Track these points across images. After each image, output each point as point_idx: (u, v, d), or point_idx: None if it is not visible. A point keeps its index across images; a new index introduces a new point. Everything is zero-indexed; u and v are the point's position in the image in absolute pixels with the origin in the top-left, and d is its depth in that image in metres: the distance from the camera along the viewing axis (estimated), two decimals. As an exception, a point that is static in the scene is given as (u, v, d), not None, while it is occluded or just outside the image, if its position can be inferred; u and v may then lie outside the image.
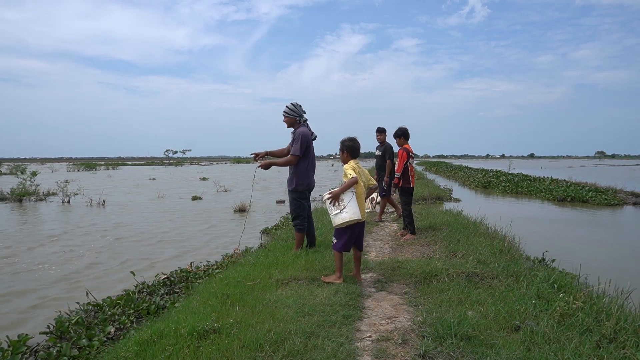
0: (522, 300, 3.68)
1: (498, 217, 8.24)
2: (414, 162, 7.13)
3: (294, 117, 5.48)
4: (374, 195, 11.70)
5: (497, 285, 4.18)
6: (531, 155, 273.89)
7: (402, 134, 6.94)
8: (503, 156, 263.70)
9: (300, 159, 5.40)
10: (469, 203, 14.28)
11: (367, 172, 4.57)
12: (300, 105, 5.51)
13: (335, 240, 4.37)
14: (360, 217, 4.22)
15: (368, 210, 9.68)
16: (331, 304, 3.69)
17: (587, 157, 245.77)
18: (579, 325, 3.19)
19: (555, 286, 4.11)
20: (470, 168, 38.12)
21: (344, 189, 4.19)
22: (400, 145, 6.94)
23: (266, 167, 5.46)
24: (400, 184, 6.80)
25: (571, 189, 16.90)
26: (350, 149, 4.45)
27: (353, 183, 4.19)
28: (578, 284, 4.43)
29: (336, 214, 4.21)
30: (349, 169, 4.28)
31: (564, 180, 21.59)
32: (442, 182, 24.45)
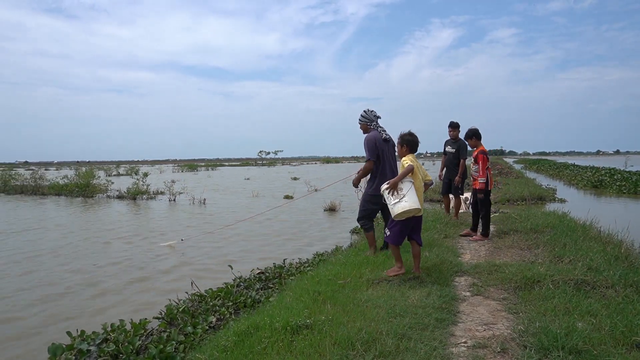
0: (644, 314, 3.27)
1: (612, 219, 7.41)
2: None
3: (366, 122, 5.65)
4: (468, 195, 11.18)
5: (613, 296, 3.76)
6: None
7: (474, 135, 6.46)
8: (617, 152, 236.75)
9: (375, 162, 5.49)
10: (577, 204, 13.04)
11: (422, 167, 4.59)
12: (372, 111, 5.66)
13: (388, 232, 4.43)
14: (419, 207, 4.22)
15: (461, 211, 9.29)
16: (423, 306, 3.60)
17: None
18: None
19: (687, 300, 3.59)
20: (577, 166, 34.69)
21: (401, 177, 4.21)
22: (473, 146, 6.47)
23: (355, 184, 5.83)
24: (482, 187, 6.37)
25: None
26: (410, 143, 4.48)
27: (409, 171, 4.21)
28: None
29: (395, 202, 4.20)
30: (407, 160, 4.32)
31: (697, 178, 18.75)
32: (544, 181, 22.61)
